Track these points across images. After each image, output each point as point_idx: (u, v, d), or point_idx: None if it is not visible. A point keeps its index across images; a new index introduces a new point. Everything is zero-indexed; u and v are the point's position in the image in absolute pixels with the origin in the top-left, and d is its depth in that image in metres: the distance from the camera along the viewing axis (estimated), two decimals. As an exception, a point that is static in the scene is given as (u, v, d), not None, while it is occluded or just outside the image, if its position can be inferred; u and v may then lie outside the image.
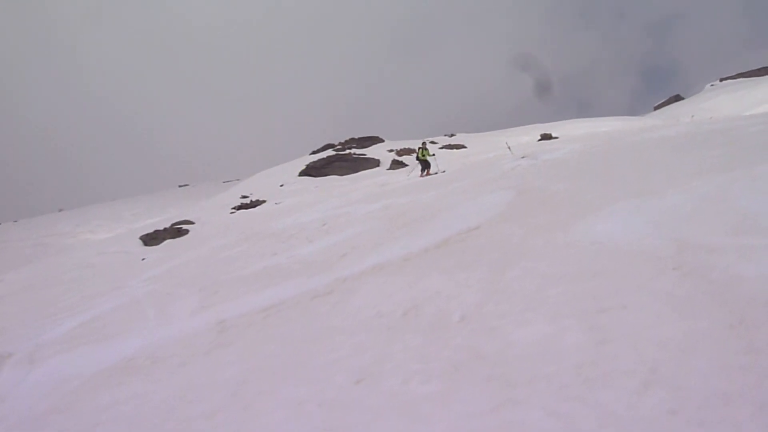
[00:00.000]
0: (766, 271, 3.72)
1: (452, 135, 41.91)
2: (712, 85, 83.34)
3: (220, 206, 25.64)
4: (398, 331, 4.26)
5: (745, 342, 2.87)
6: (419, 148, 22.35)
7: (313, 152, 40.95)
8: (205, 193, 44.77)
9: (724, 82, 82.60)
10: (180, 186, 63.81)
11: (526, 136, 35.81)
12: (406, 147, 35.48)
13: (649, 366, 2.82)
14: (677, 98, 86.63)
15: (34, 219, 46.17)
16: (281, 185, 30.33)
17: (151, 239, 19.25)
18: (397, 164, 29.92)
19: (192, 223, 21.51)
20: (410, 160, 31.69)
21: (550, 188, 8.57)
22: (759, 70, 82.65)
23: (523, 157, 15.43)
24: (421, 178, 19.73)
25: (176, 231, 19.83)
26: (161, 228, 20.49)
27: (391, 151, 35.21)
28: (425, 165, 21.65)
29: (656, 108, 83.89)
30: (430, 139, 40.52)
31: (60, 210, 52.99)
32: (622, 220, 5.53)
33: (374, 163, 31.96)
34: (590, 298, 3.86)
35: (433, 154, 23.24)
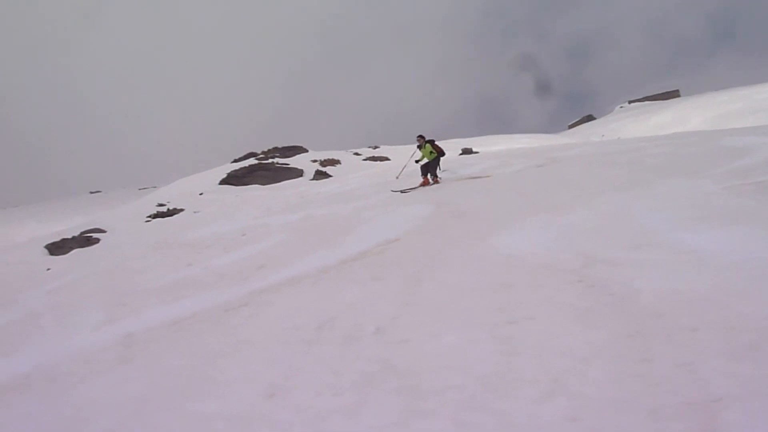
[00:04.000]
0: (660, 285, 3.98)
1: (376, 147, 42.21)
2: (621, 107, 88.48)
3: (135, 214, 24.55)
4: (312, 344, 4.21)
5: (640, 351, 3.04)
6: (422, 141, 15.36)
7: (235, 160, 40.11)
8: (119, 200, 42.82)
9: (632, 104, 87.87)
10: (91, 192, 60.71)
11: (448, 150, 36.67)
12: (330, 158, 35.40)
13: (551, 376, 2.93)
14: (590, 118, 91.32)
15: None
16: (201, 194, 29.43)
17: (58, 248, 18.12)
18: (320, 174, 29.78)
19: (103, 231, 20.44)
20: (334, 170, 31.63)
21: (467, 202, 8.80)
22: (663, 94, 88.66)
23: (443, 171, 15.76)
24: (420, 187, 14.18)
25: (85, 240, 18.78)
26: (69, 236, 19.37)
27: (314, 161, 34.99)
28: (428, 169, 15.02)
29: (570, 126, 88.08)
30: (354, 151, 40.58)
31: (-46, 216, 49.13)
32: (532, 234, 5.75)
33: (297, 173, 31.64)
34: (499, 309, 3.98)
35: (442, 154, 15.28)
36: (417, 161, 15.65)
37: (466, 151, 29.66)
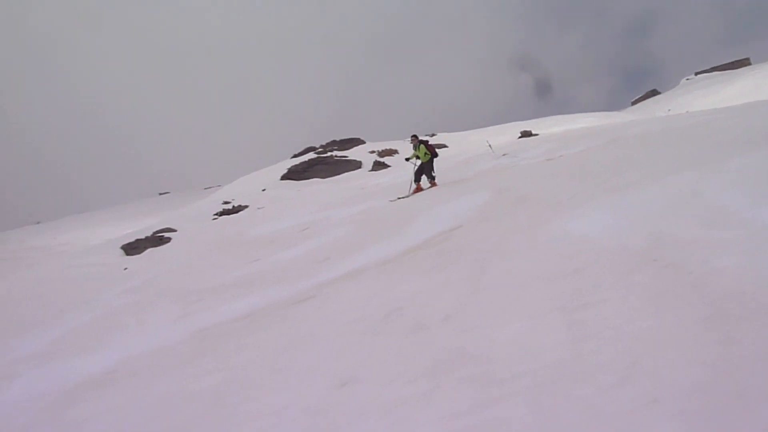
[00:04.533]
0: (739, 263, 3.77)
1: (433, 135, 42.01)
2: (687, 80, 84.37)
3: (202, 213, 25.44)
4: (380, 334, 4.25)
5: (721, 333, 2.90)
6: (415, 141, 14.96)
7: (295, 155, 40.83)
8: (187, 200, 44.41)
9: (699, 76, 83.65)
10: (161, 194, 63.25)
11: (507, 134, 36.03)
12: (388, 148, 35.51)
13: (628, 359, 2.84)
14: (654, 93, 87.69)
15: (9, 232, 45.39)
16: (263, 190, 30.18)
17: (132, 248, 19.02)
18: (378, 165, 29.91)
19: (174, 230, 21.30)
20: (392, 161, 31.68)
21: (528, 186, 8.64)
22: (732, 63, 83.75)
23: (503, 155, 15.54)
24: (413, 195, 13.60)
25: (158, 239, 19.62)
26: (142, 237, 20.27)
27: (372, 152, 35.21)
28: (422, 173, 14.40)
29: (633, 103, 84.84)
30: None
31: (37, 222, 52.21)
32: (599, 216, 5.58)
33: (356, 165, 31.93)
34: (569, 294, 3.88)
35: (435, 155, 14.81)
36: (407, 159, 15.31)
37: (525, 134, 29.08)
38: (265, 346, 4.87)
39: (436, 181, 14.13)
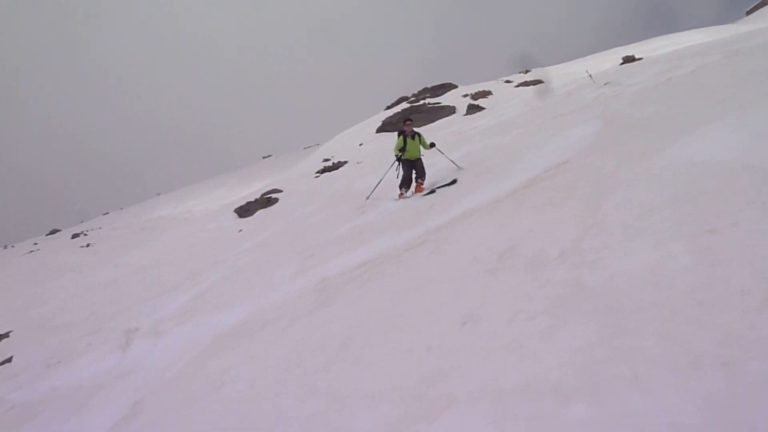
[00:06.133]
0: None
1: (527, 71, 40.36)
2: (814, -24, 74.65)
3: (304, 172, 26.21)
4: (497, 273, 4.25)
5: None
6: (412, 131, 10.90)
7: (388, 107, 40.81)
8: (289, 161, 45.89)
9: (830, -30, 73.74)
10: (264, 157, 65.67)
11: (607, 61, 33.92)
12: (481, 90, 34.58)
13: (767, 283, 2.67)
14: (774, -4, 78.51)
15: (137, 205, 49.24)
16: (360, 144, 30.55)
17: (244, 211, 20.08)
18: (473, 108, 29.26)
19: (280, 191, 22.19)
20: (486, 102, 30.89)
21: (638, 114, 8.14)
22: None
23: (605, 84, 14.71)
24: (401, 199, 10.23)
25: (266, 201, 20.54)
26: (252, 200, 21.29)
27: (465, 96, 34.44)
28: (412, 169, 10.78)
29: (748, 13, 76.45)
30: (505, 78, 39.10)
31: (158, 194, 56.24)
32: (721, 137, 5.17)
33: (450, 110, 31.42)
34: (695, 220, 3.67)
35: (432, 144, 11.25)
36: (398, 157, 10.75)
37: (628, 60, 27.11)
38: (384, 291, 5.04)
39: (422, 185, 10.70)
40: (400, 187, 10.57)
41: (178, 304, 8.29)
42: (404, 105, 37.22)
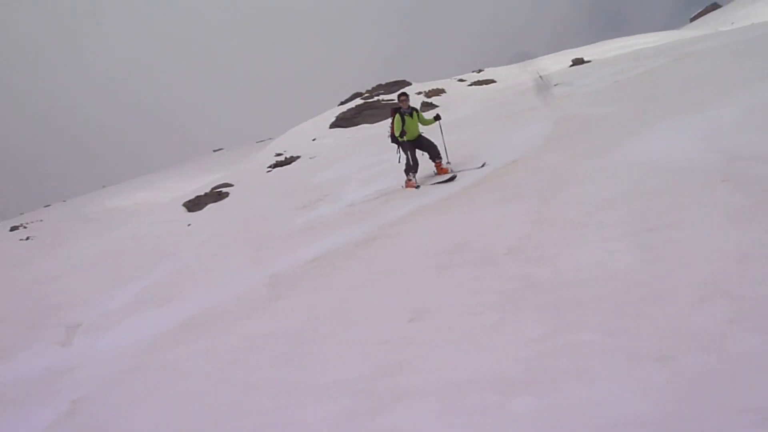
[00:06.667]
0: (820, 174, 3.61)
1: (480, 70, 40.84)
2: (751, -12, 78.32)
3: (256, 166, 25.81)
4: (447, 268, 4.31)
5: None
6: (408, 107, 8.93)
7: (342, 103, 40.64)
8: (240, 155, 45.14)
9: (765, -18, 77.44)
10: (215, 150, 64.42)
11: (558, 63, 34.68)
12: (435, 88, 34.83)
13: (705, 279, 2.79)
14: (715, 6, 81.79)
15: (81, 197, 47.50)
16: (313, 139, 30.30)
17: (194, 205, 19.65)
18: (427, 106, 29.46)
19: (231, 185, 21.81)
20: (440, 100, 31.16)
21: (588, 114, 8.38)
22: (802, -35, 76.94)
23: (556, 85, 15.04)
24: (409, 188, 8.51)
25: (217, 195, 20.15)
26: (202, 194, 20.86)
27: (419, 93, 34.60)
28: (416, 150, 8.83)
29: (693, 19, 79.46)
30: (458, 77, 39.43)
31: (103, 186, 54.43)
32: (666, 138, 5.39)
33: (404, 107, 31.46)
34: (639, 218, 3.81)
35: (437, 117, 9.42)
36: (398, 137, 8.78)
37: (577, 62, 27.74)
38: (336, 286, 5.03)
39: (441, 164, 8.84)
40: (407, 172, 8.66)
41: (124, 298, 8.05)
42: (358, 101, 37.12)
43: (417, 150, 8.83)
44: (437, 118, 9.34)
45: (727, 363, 2.18)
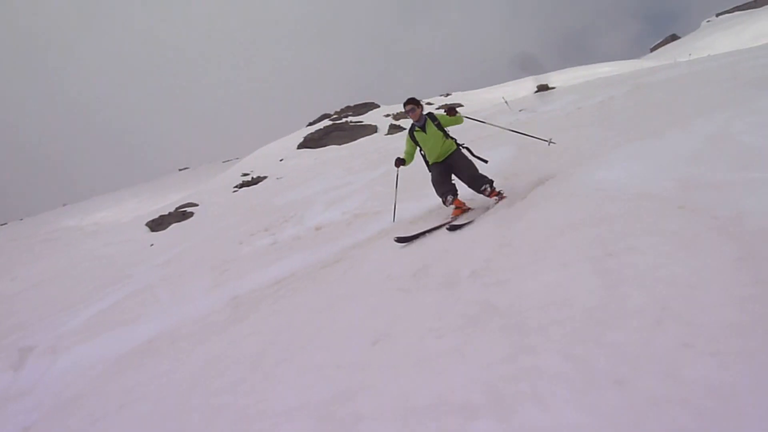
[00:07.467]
0: (769, 205, 3.72)
1: (448, 94, 41.49)
2: (708, 21, 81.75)
3: (223, 186, 25.64)
4: (410, 292, 4.31)
5: (752, 274, 2.88)
6: (421, 116, 6.41)
7: (310, 123, 40.71)
8: (206, 175, 44.71)
9: (720, 17, 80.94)
10: (180, 170, 63.64)
11: (523, 89, 35.46)
12: (403, 111, 35.20)
13: (660, 304, 2.84)
14: (673, 38, 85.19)
15: (40, 215, 46.28)
16: (281, 160, 30.25)
17: (157, 225, 19.33)
18: (394, 129, 29.71)
19: (196, 205, 21.56)
20: (408, 123, 31.42)
21: (552, 139, 8.54)
22: (755, 1, 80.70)
23: (520, 111, 15.34)
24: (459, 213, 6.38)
25: (181, 214, 19.88)
26: (166, 213, 20.55)
27: (387, 115, 34.94)
28: (449, 172, 6.50)
29: (653, 50, 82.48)
30: (426, 101, 39.93)
31: (64, 205, 53.13)
32: (624, 164, 5.52)
33: (371, 129, 31.75)
34: (597, 244, 3.87)
35: (452, 110, 6.47)
36: (404, 163, 6.83)
37: (542, 88, 28.40)
38: (298, 309, 4.98)
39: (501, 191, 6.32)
40: (443, 195, 6.32)
41: (80, 320, 7.83)
42: (326, 122, 37.26)
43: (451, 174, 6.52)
44: (452, 111, 6.55)
45: (683, 387, 2.21)
